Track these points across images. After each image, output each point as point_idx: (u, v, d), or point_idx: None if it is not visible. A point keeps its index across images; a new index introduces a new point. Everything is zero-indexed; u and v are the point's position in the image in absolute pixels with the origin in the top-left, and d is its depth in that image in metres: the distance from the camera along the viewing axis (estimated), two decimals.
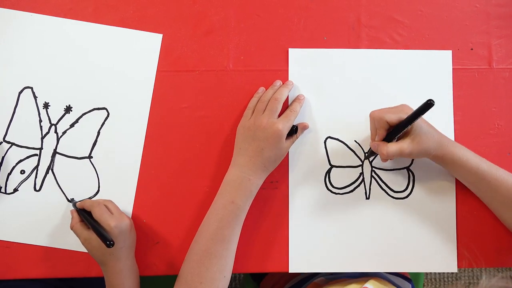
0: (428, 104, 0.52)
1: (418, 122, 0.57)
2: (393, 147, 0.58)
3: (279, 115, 0.63)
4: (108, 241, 0.55)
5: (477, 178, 0.60)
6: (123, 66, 0.68)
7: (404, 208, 0.66)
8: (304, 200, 0.66)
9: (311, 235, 0.65)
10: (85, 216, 0.61)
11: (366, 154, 0.67)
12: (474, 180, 0.61)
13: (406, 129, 0.57)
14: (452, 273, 1.41)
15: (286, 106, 0.66)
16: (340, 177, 0.66)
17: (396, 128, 0.58)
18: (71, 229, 0.61)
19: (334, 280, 0.69)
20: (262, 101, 0.64)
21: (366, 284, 0.60)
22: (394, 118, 0.57)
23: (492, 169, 0.60)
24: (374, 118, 0.60)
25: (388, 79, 0.68)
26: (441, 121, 0.66)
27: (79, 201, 0.64)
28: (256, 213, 0.65)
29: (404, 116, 0.57)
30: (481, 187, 0.62)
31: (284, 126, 0.60)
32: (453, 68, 0.68)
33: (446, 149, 0.60)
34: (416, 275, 0.88)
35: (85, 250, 0.61)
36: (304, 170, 0.66)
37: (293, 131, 0.64)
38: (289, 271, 0.65)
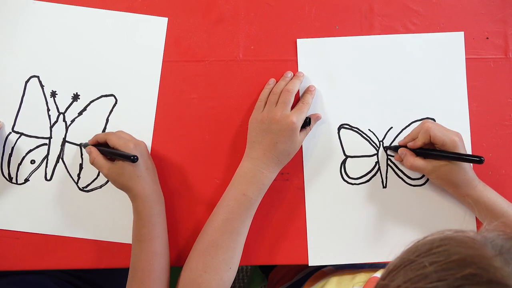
0: (478, 160, 0.55)
1: None
2: (419, 161, 0.60)
3: (291, 108, 0.62)
4: (132, 156, 0.55)
5: (494, 217, 0.60)
6: (129, 51, 0.67)
7: (422, 195, 0.65)
8: (320, 192, 0.65)
9: (330, 227, 0.65)
10: (102, 148, 0.60)
11: (385, 146, 0.66)
12: (489, 217, 0.61)
13: (439, 158, 0.59)
14: None
15: (296, 97, 0.65)
16: (355, 167, 0.66)
17: (432, 150, 0.60)
18: (92, 163, 0.60)
19: (343, 270, 0.68)
20: (274, 93, 0.63)
21: (376, 274, 0.60)
22: (439, 138, 0.58)
23: (510, 210, 0.59)
24: (423, 127, 0.60)
25: (400, 64, 0.66)
26: (455, 111, 0.66)
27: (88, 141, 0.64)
28: (267, 206, 0.65)
29: (448, 145, 0.58)
30: (493, 220, 0.62)
31: (298, 119, 0.60)
32: (468, 58, 0.67)
33: (472, 191, 0.60)
34: None
35: (97, 238, 0.60)
36: (319, 161, 0.66)
37: (306, 123, 0.63)
38: (309, 264, 0.64)
